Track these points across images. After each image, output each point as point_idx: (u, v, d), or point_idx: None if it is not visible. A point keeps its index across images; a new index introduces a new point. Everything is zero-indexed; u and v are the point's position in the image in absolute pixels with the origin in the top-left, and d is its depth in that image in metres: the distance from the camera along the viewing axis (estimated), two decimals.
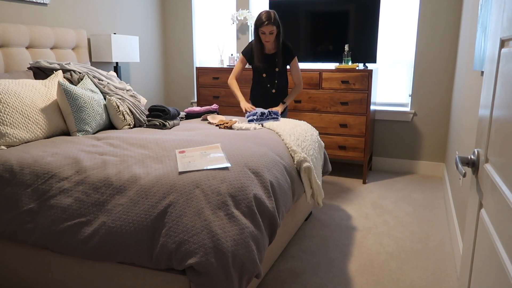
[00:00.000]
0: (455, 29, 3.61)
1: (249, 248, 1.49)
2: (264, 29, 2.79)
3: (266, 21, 2.76)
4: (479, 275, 0.98)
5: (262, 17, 2.78)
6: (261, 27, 2.79)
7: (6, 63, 2.70)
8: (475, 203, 1.09)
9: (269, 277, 2.12)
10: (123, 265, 1.60)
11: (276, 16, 2.81)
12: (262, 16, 2.78)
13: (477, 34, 2.23)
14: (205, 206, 1.51)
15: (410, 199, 3.26)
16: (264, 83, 3.05)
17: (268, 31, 2.80)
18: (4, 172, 1.82)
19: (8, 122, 2.13)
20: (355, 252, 2.38)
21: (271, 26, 2.78)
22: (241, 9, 4.30)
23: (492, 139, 0.96)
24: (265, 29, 2.79)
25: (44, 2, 3.09)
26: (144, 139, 2.14)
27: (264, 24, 2.77)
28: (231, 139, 2.15)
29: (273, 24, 2.77)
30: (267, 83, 3.04)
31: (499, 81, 0.94)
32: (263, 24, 2.77)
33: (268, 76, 3.02)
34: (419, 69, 3.79)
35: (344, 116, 3.56)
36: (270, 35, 2.82)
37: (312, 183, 2.31)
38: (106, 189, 1.64)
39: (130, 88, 2.94)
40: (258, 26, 2.81)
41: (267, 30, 2.79)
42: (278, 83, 3.03)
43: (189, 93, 4.78)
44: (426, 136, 3.89)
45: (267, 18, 2.76)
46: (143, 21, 4.30)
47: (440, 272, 2.18)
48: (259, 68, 3.02)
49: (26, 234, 1.71)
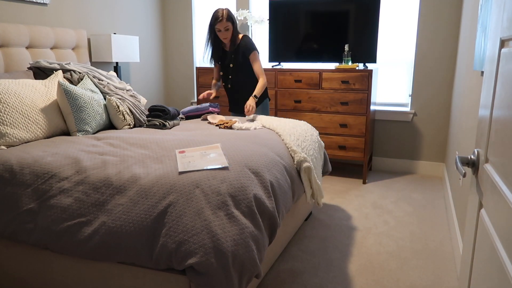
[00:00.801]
0: (455, 29, 3.61)
1: (249, 248, 1.49)
2: (219, 26, 2.86)
3: (220, 18, 2.83)
4: (479, 275, 0.98)
5: (216, 14, 2.85)
6: (216, 25, 2.86)
7: (6, 63, 2.70)
8: (475, 203, 1.09)
9: (269, 277, 2.12)
10: (123, 265, 1.60)
11: (230, 13, 2.88)
12: (217, 14, 2.85)
13: (477, 34, 2.23)
14: (205, 206, 1.51)
15: (410, 199, 3.26)
16: (224, 81, 3.15)
17: (223, 27, 2.86)
18: (4, 172, 1.82)
19: (8, 122, 2.13)
20: (355, 252, 2.38)
21: (225, 23, 2.84)
22: (241, 9, 4.30)
23: (492, 139, 0.96)
24: (220, 26, 2.85)
25: (44, 2, 3.09)
26: (144, 139, 2.15)
27: (218, 21, 2.84)
28: (231, 139, 2.15)
29: (227, 20, 2.85)
30: (223, 80, 3.15)
31: (499, 81, 0.94)
32: (217, 21, 2.84)
33: (224, 73, 3.12)
34: (419, 69, 3.79)
35: (344, 116, 3.56)
36: (226, 31, 2.89)
37: (312, 183, 2.31)
38: (106, 189, 1.64)
39: (130, 88, 2.94)
40: (213, 24, 2.88)
41: (222, 27, 2.86)
42: (233, 78, 3.08)
43: (189, 93, 4.78)
44: (426, 136, 3.89)
45: (220, 16, 2.84)
46: (143, 21, 4.30)
47: (440, 272, 2.18)
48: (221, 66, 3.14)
49: (26, 234, 1.71)
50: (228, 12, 2.87)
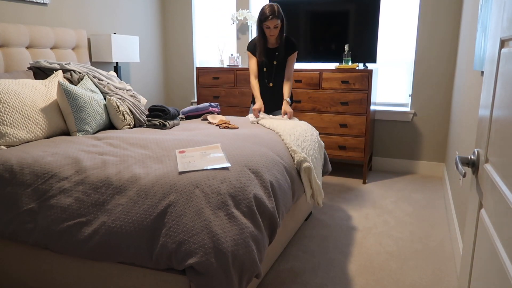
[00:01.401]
0: (455, 29, 3.61)
1: (249, 248, 1.49)
2: (268, 23, 2.76)
3: (271, 15, 2.72)
4: (479, 275, 0.98)
5: (266, 12, 2.74)
6: (266, 22, 2.76)
7: (6, 63, 2.70)
8: (475, 203, 1.09)
9: (269, 277, 2.12)
10: (123, 265, 1.60)
11: (279, 10, 2.78)
12: (266, 11, 2.74)
13: (477, 34, 2.23)
14: (205, 206, 1.51)
15: (410, 199, 3.26)
16: (263, 78, 3.02)
17: (273, 25, 2.76)
18: (4, 172, 1.82)
19: (8, 122, 2.13)
20: (355, 252, 2.38)
21: (275, 20, 2.75)
22: (241, 9, 4.30)
23: (492, 139, 0.96)
24: (269, 23, 2.76)
25: (44, 2, 3.09)
26: (144, 139, 2.14)
27: (269, 19, 2.74)
28: (231, 139, 2.15)
29: (277, 18, 2.75)
30: (265, 77, 3.02)
31: (499, 81, 0.94)
32: (268, 18, 2.74)
33: (268, 70, 3.00)
34: (419, 69, 3.79)
35: (344, 116, 3.56)
36: (275, 29, 2.79)
37: (312, 183, 2.31)
38: (106, 189, 1.64)
39: (130, 88, 2.94)
40: (262, 20, 2.77)
41: (272, 24, 2.76)
42: (275, 76, 3.00)
43: (189, 93, 4.78)
44: (426, 136, 3.89)
45: (271, 12, 2.73)
46: (143, 21, 4.30)
47: (440, 272, 2.18)
48: (261, 63, 2.99)
49: (26, 234, 1.71)
50: (279, 9, 2.77)
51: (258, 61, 2.97)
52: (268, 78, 3.01)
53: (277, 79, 3.02)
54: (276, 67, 2.98)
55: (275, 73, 3.00)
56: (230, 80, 3.97)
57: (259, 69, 3.01)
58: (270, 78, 3.01)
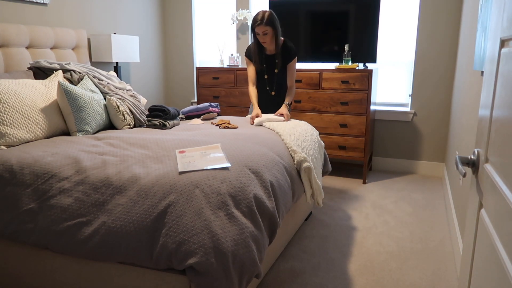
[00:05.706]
0: (455, 29, 3.61)
1: (249, 248, 1.49)
2: (257, 29, 2.75)
3: (259, 22, 2.72)
4: (479, 275, 0.98)
5: (255, 18, 2.74)
6: (255, 28, 2.76)
7: (6, 63, 2.70)
8: (475, 203, 1.09)
9: (269, 277, 2.12)
10: (123, 265, 1.60)
11: (270, 16, 2.74)
12: (256, 17, 2.74)
13: (477, 34, 2.23)
14: (205, 206, 1.51)
15: (410, 199, 3.26)
16: (264, 85, 2.99)
17: (261, 31, 2.75)
18: (4, 172, 1.82)
19: (8, 122, 2.13)
20: (355, 252, 2.38)
21: (263, 27, 2.72)
22: (241, 9, 4.30)
23: (492, 139, 0.96)
24: (258, 29, 2.75)
25: (44, 2, 3.09)
26: (144, 139, 2.14)
27: (256, 25, 2.73)
28: (231, 139, 2.15)
29: (265, 24, 2.71)
30: (266, 85, 2.99)
31: (499, 81, 0.94)
32: (255, 24, 2.74)
33: (269, 77, 2.97)
34: (419, 69, 3.79)
35: (344, 116, 3.56)
36: (264, 35, 2.77)
37: (312, 183, 2.31)
38: (106, 189, 1.64)
39: (130, 88, 2.94)
40: (252, 26, 2.78)
41: (260, 31, 2.75)
42: (277, 84, 2.98)
43: (189, 93, 4.78)
44: (426, 136, 3.89)
45: (259, 19, 2.72)
46: (143, 21, 4.30)
47: (440, 272, 2.18)
48: (260, 70, 2.97)
49: (26, 234, 1.71)
50: (269, 16, 2.72)
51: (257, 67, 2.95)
52: (270, 86, 2.99)
53: (280, 88, 2.99)
54: (278, 75, 2.95)
55: (277, 81, 2.97)
56: (230, 80, 3.97)
57: (261, 76, 2.99)
58: (272, 86, 2.98)
